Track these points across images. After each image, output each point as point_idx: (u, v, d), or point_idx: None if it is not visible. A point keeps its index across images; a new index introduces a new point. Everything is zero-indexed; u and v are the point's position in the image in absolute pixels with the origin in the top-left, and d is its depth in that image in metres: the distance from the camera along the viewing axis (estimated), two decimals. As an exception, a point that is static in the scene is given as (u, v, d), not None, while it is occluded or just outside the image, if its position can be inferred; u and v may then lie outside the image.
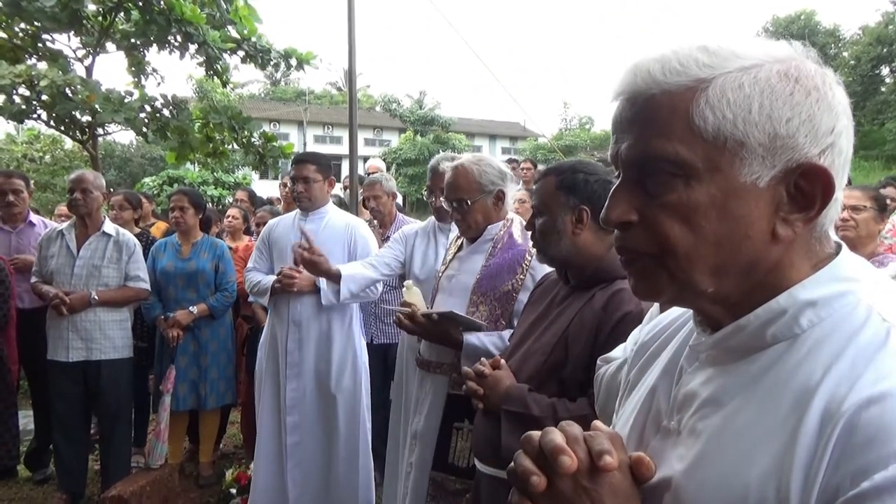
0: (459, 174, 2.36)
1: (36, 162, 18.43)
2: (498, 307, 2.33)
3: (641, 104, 0.67)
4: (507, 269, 2.34)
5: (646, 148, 0.67)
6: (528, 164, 7.68)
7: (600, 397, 1.37)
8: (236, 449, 4.59)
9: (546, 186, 1.77)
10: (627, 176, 0.70)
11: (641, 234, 0.69)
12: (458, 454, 2.28)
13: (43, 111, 5.80)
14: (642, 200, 0.68)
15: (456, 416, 2.30)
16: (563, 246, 1.75)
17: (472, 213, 2.36)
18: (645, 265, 0.70)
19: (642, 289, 0.73)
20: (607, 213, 0.71)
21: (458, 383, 2.31)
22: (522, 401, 1.65)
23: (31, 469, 4.05)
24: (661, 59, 0.67)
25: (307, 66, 7.30)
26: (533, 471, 0.65)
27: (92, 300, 3.45)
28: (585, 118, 46.04)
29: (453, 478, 2.28)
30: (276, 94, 42.83)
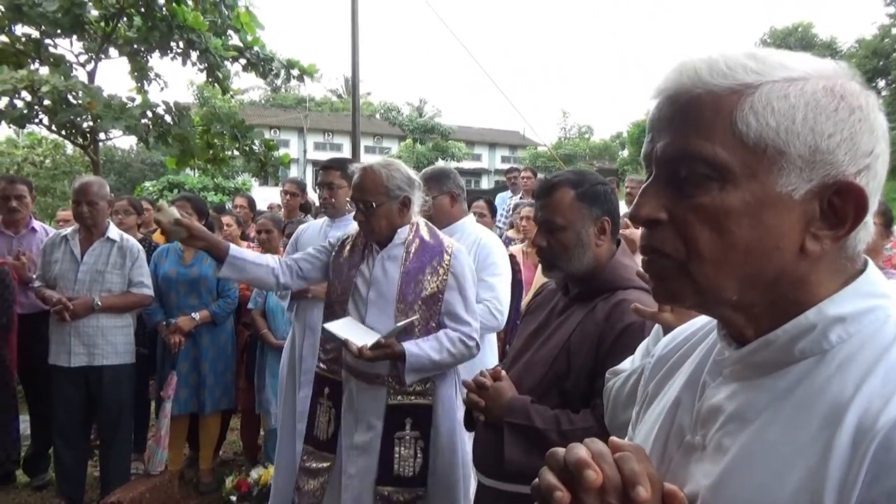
0: (367, 176, 2.37)
1: (37, 166, 18.42)
2: (426, 311, 2.34)
3: (684, 103, 0.67)
4: (429, 271, 2.35)
5: (684, 147, 0.66)
6: (529, 172, 7.68)
7: (609, 410, 1.36)
8: (236, 456, 4.57)
9: (563, 199, 1.72)
10: (660, 174, 0.69)
11: (669, 234, 0.68)
12: (403, 464, 2.29)
13: (45, 116, 5.80)
14: (673, 200, 0.68)
15: (396, 427, 2.32)
16: (586, 259, 1.72)
17: (375, 216, 2.36)
18: (668, 267, 0.69)
19: (662, 292, 0.72)
20: (636, 210, 0.70)
21: (397, 392, 2.33)
22: (525, 413, 1.65)
23: (29, 474, 4.03)
24: (708, 60, 0.67)
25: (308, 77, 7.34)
26: (557, 486, 0.64)
27: (95, 306, 3.45)
28: (584, 127, 46.24)
29: (400, 489, 2.29)
30: (276, 101, 42.93)
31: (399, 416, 2.31)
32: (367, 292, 2.38)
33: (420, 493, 2.29)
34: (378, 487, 2.28)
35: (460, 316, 2.36)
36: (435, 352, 2.28)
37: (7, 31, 5.98)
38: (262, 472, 3.66)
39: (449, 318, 2.36)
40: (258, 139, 6.93)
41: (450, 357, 2.31)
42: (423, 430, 2.31)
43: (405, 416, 2.31)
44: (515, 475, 1.64)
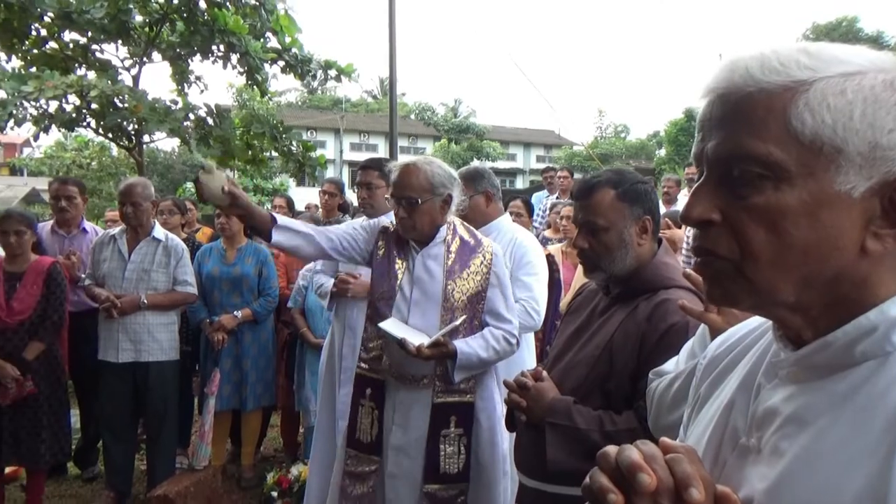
0: (410, 173, 2.34)
1: (84, 168, 19.00)
2: (470, 309, 2.35)
3: (736, 101, 0.65)
4: (473, 270, 2.36)
5: (736, 146, 0.65)
6: (566, 172, 7.63)
7: (652, 412, 1.35)
8: (276, 452, 4.65)
9: (604, 199, 1.70)
10: (712, 174, 0.68)
11: (722, 236, 0.67)
12: (448, 461, 2.31)
13: (92, 120, 5.98)
14: (726, 201, 0.66)
15: (441, 425, 2.32)
16: (629, 259, 1.71)
17: (419, 213, 2.33)
18: (722, 269, 0.68)
19: (717, 295, 0.71)
20: (688, 211, 0.69)
21: (442, 391, 2.34)
22: (567, 413, 1.64)
23: (80, 467, 4.18)
24: (760, 58, 0.65)
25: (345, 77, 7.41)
26: (610, 488, 0.63)
27: (141, 304, 3.55)
28: (621, 126, 45.67)
29: (446, 485, 2.30)
30: (313, 103, 43.44)
31: (444, 414, 2.33)
32: (411, 292, 2.37)
33: (464, 489, 2.31)
34: (425, 486, 2.30)
35: (502, 314, 2.39)
36: (482, 350, 2.30)
37: (56, 37, 6.18)
38: (301, 469, 3.71)
39: (491, 316, 2.38)
40: (296, 140, 7.03)
41: (495, 354, 2.34)
42: (467, 426, 2.33)
43: (449, 415, 2.32)
44: (558, 476, 1.63)
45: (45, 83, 5.01)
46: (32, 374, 3.33)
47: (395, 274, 2.41)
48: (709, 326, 1.25)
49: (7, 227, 3.39)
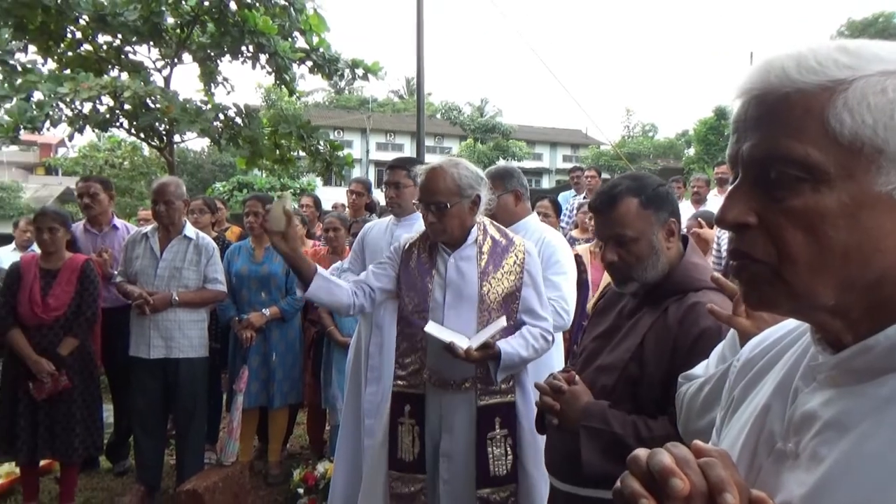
0: (437, 176, 2.32)
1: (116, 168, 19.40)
2: (505, 309, 2.34)
3: (772, 102, 0.64)
4: (506, 270, 2.35)
5: (773, 148, 0.63)
6: (593, 171, 7.58)
7: (682, 416, 1.33)
8: (303, 450, 4.69)
9: (629, 209, 1.66)
10: (747, 176, 0.67)
11: (759, 239, 0.65)
12: (496, 463, 2.30)
13: (125, 120, 6.09)
14: (762, 203, 0.65)
15: (487, 428, 2.31)
16: (660, 266, 1.68)
17: (448, 216, 2.31)
18: (759, 273, 0.67)
19: (754, 299, 0.70)
20: (723, 213, 0.67)
21: (484, 393, 2.32)
22: (603, 417, 1.62)
23: (111, 461, 4.26)
24: (796, 57, 0.64)
25: (372, 76, 7.44)
26: (642, 493, 0.62)
27: (173, 301, 3.61)
28: (649, 125, 45.16)
29: (496, 488, 2.29)
30: (339, 103, 43.74)
31: (489, 416, 2.32)
32: (444, 296, 2.36)
33: (513, 490, 2.30)
34: (478, 491, 2.28)
35: (537, 312, 2.38)
36: (523, 349, 2.30)
37: (91, 39, 6.31)
38: (327, 466, 3.73)
39: (527, 315, 2.37)
40: (323, 140, 7.08)
41: (534, 353, 2.34)
42: (511, 427, 2.32)
43: (494, 416, 2.31)
44: (593, 480, 1.62)
45: (79, 85, 5.12)
46: (66, 370, 3.41)
47: (425, 282, 2.39)
48: (737, 331, 1.23)
49: (42, 223, 3.47)
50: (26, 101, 5.16)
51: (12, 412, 3.38)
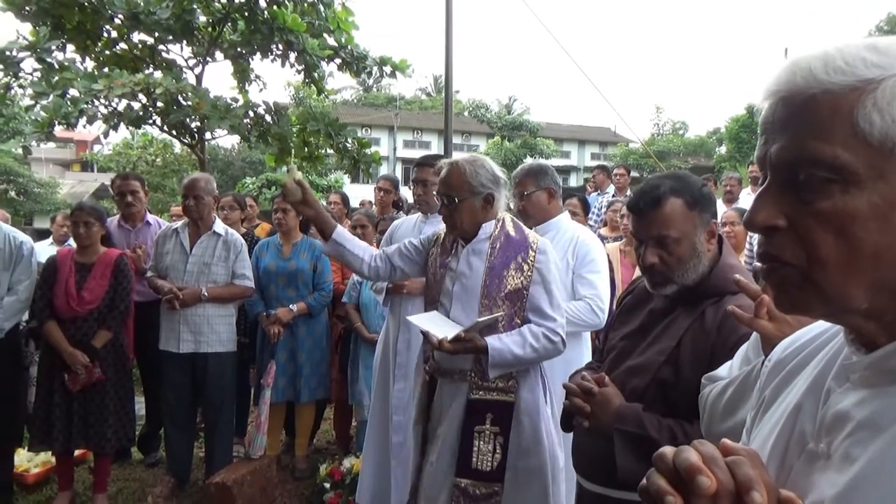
0: (452, 172, 2.40)
1: (149, 165, 19.76)
2: (510, 306, 2.33)
3: (799, 104, 0.63)
4: (514, 267, 2.34)
5: (801, 150, 0.62)
6: (623, 170, 7.50)
7: (705, 418, 1.31)
8: (329, 445, 4.72)
9: (675, 210, 1.63)
10: (776, 179, 0.66)
11: (788, 242, 0.65)
12: (481, 458, 2.28)
13: (157, 117, 6.19)
14: (792, 206, 0.64)
15: (476, 421, 2.31)
16: (700, 268, 1.65)
17: (458, 211, 2.37)
18: (789, 276, 0.66)
19: (785, 302, 0.69)
20: (752, 216, 0.67)
21: (479, 388, 2.33)
22: (638, 421, 1.58)
23: (143, 452, 4.34)
24: (823, 57, 0.63)
25: (398, 75, 7.45)
26: (668, 491, 0.62)
27: (202, 296, 3.65)
28: (679, 123, 44.50)
29: (477, 482, 2.28)
30: (367, 100, 43.95)
31: (479, 410, 2.32)
32: (453, 286, 2.42)
33: (496, 489, 2.28)
34: (456, 479, 2.30)
35: (545, 311, 2.34)
36: (517, 346, 2.27)
37: (126, 38, 6.43)
38: (353, 462, 3.75)
39: (534, 313, 2.35)
40: (351, 137, 7.11)
41: (532, 352, 2.29)
42: (504, 426, 2.30)
43: (486, 412, 2.31)
44: (631, 484, 1.59)
45: (113, 81, 5.20)
46: (100, 362, 3.47)
47: (442, 272, 2.47)
48: (760, 334, 1.21)
49: (77, 218, 3.54)
50: (62, 97, 5.27)
51: (48, 403, 3.46)
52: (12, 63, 5.54)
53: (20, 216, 20.94)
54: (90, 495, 3.67)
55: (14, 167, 22.45)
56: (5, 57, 5.50)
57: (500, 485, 2.28)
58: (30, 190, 23.19)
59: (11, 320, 3.49)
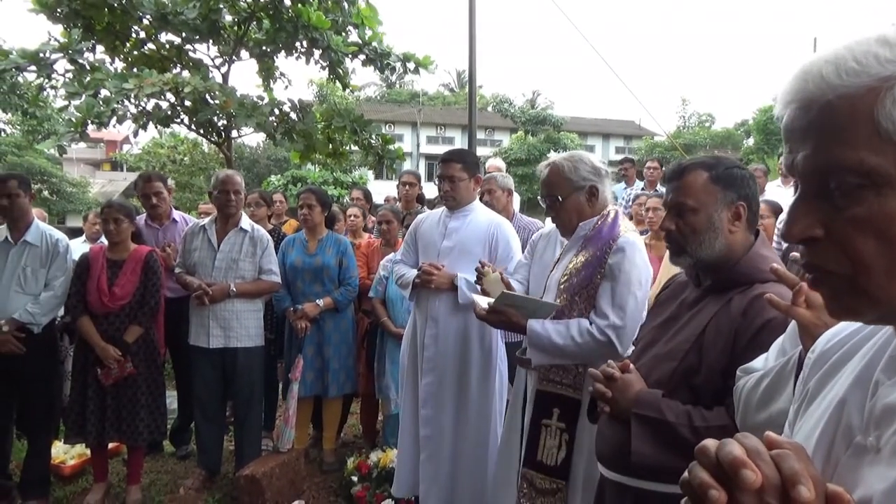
0: (552, 171, 2.39)
1: (177, 164, 20.04)
2: (581, 302, 2.32)
3: (816, 112, 0.61)
4: (591, 265, 2.31)
5: (826, 158, 0.61)
6: (656, 163, 7.35)
7: (740, 410, 1.30)
8: (356, 438, 4.76)
9: (697, 181, 1.65)
10: (808, 188, 0.65)
11: (829, 250, 0.63)
12: (547, 451, 2.27)
13: (185, 116, 6.28)
14: (827, 214, 0.63)
15: (543, 413, 2.31)
16: (717, 245, 1.64)
17: (564, 209, 2.37)
18: (838, 285, 0.64)
19: (836, 310, 0.67)
20: (788, 228, 0.65)
21: (546, 379, 2.33)
22: (655, 406, 1.58)
23: (174, 445, 4.42)
24: (834, 60, 0.61)
25: (423, 70, 7.46)
26: (711, 484, 0.60)
27: (231, 292, 3.71)
28: (705, 115, 43.86)
29: (542, 476, 2.27)
30: (390, 97, 44.02)
31: (546, 402, 2.32)
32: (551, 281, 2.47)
33: (561, 486, 2.26)
34: (524, 469, 2.31)
35: (601, 308, 2.28)
36: (558, 335, 2.26)
37: (154, 38, 6.53)
38: (380, 455, 3.78)
39: (593, 309, 2.31)
40: (375, 133, 7.14)
41: (574, 345, 2.26)
42: (570, 422, 2.27)
43: (552, 405, 2.30)
44: (642, 469, 1.59)
45: (144, 81, 5.29)
46: (131, 357, 3.54)
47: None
48: (798, 322, 1.18)
49: (108, 215, 3.61)
50: (94, 97, 5.37)
51: (83, 397, 3.54)
52: (45, 65, 5.66)
53: (53, 215, 21.41)
54: (124, 486, 3.75)
55: (48, 167, 22.97)
56: (38, 59, 5.62)
57: (564, 482, 2.26)
58: (62, 189, 23.71)
59: (48, 315, 3.57)
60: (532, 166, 29.79)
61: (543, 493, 2.26)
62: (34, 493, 3.58)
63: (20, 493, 3.60)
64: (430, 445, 3.15)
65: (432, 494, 3.13)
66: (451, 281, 3.11)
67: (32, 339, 3.49)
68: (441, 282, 3.11)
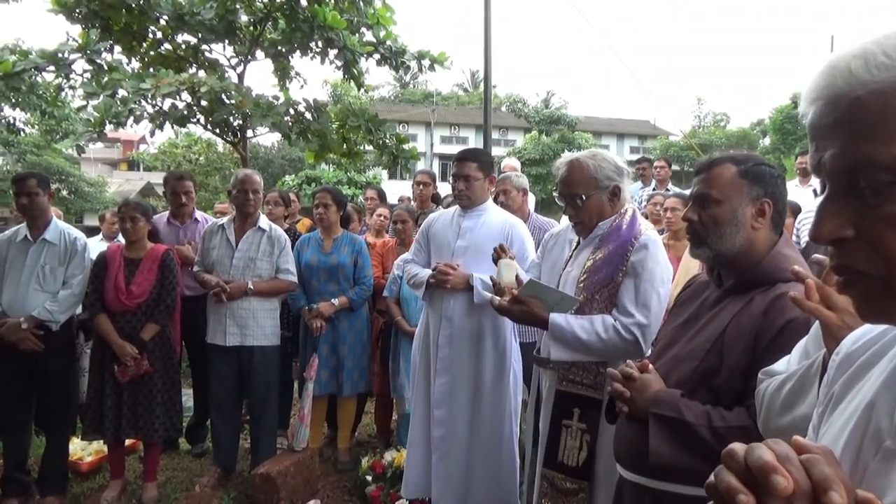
0: (574, 169, 2.34)
1: (192, 163, 20.20)
2: (601, 300, 2.29)
3: (845, 108, 0.60)
4: (612, 262, 2.29)
5: (856, 155, 0.59)
6: (663, 162, 7.33)
7: (762, 414, 1.28)
8: (370, 438, 4.76)
9: (723, 174, 1.64)
10: (836, 187, 0.63)
11: (861, 251, 0.62)
12: (568, 452, 2.25)
13: (202, 116, 6.32)
14: (858, 213, 0.61)
15: (563, 413, 2.28)
16: (738, 240, 1.62)
17: (586, 208, 2.33)
18: (870, 286, 0.63)
19: (869, 312, 0.66)
20: (817, 229, 0.64)
21: (566, 379, 2.30)
22: (674, 405, 1.57)
23: (190, 442, 4.44)
24: (862, 55, 0.59)
25: (436, 68, 7.45)
26: (739, 489, 0.59)
27: (248, 290, 3.72)
28: (720, 115, 43.48)
29: (563, 476, 2.25)
30: (404, 97, 44.08)
31: (567, 403, 2.29)
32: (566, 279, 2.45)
33: (583, 486, 2.23)
34: (544, 469, 2.29)
35: (625, 306, 2.26)
36: (582, 330, 2.23)
37: (170, 39, 6.58)
38: (395, 455, 3.78)
39: (616, 307, 2.29)
40: (390, 133, 7.15)
41: (598, 342, 2.23)
42: (591, 423, 2.24)
43: (573, 406, 2.27)
44: (660, 470, 1.58)
45: (160, 81, 5.33)
46: (148, 354, 3.57)
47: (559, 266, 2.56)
48: (822, 324, 1.15)
49: (125, 213, 3.64)
50: (112, 97, 5.42)
51: (100, 394, 3.57)
52: (64, 65, 5.73)
53: (71, 214, 21.67)
54: (140, 483, 3.78)
55: (66, 167, 23.23)
56: (57, 59, 5.68)
57: (586, 483, 2.23)
58: (80, 189, 23.97)
59: (66, 313, 3.60)
60: (546, 166, 29.70)
61: (565, 494, 2.24)
62: (52, 489, 3.62)
63: (38, 488, 3.64)
64: (443, 446, 3.14)
65: (446, 494, 3.12)
66: (467, 281, 3.10)
67: (51, 337, 3.52)
68: (457, 282, 3.09)
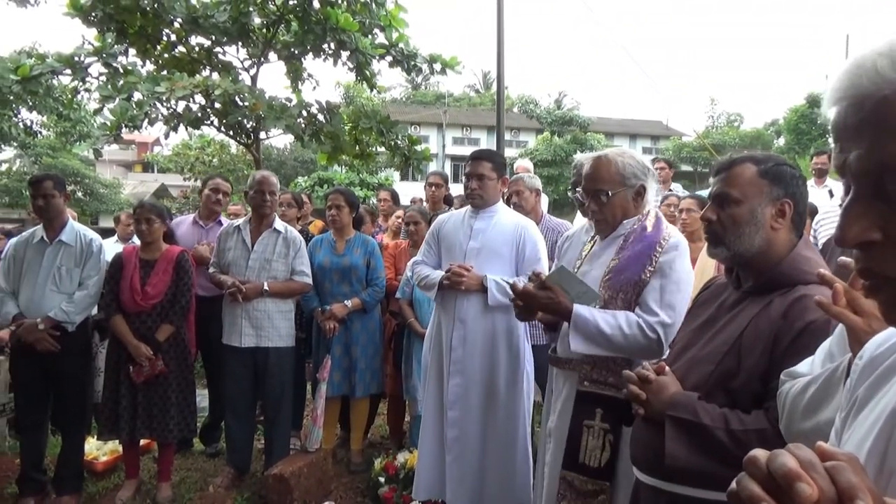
0: (602, 165, 2.31)
1: (206, 165, 20.32)
2: (625, 299, 2.27)
3: (871, 108, 0.58)
4: (639, 262, 2.25)
5: (883, 157, 0.58)
6: (662, 163, 7.27)
7: (784, 416, 1.25)
8: (383, 439, 4.76)
9: (744, 173, 1.63)
10: (862, 189, 0.61)
11: (889, 254, 0.60)
12: (590, 453, 2.21)
13: (215, 118, 6.35)
14: (884, 216, 0.60)
15: (585, 414, 2.25)
16: (757, 240, 1.61)
17: (610, 206, 2.30)
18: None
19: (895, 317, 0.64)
20: (842, 233, 0.62)
21: (588, 379, 2.27)
22: (691, 408, 1.55)
23: (204, 443, 4.47)
24: (889, 52, 0.58)
25: (449, 70, 7.45)
26: (762, 496, 0.58)
27: (263, 291, 3.74)
28: (734, 115, 43.15)
29: (584, 478, 2.22)
30: (416, 98, 44.12)
31: (589, 403, 2.26)
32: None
33: (604, 488, 2.20)
34: (563, 471, 2.26)
35: (649, 305, 2.24)
36: (607, 324, 2.21)
37: (184, 41, 6.62)
38: (407, 456, 3.78)
39: (639, 305, 2.27)
40: (402, 134, 7.15)
41: (622, 337, 2.21)
42: (614, 423, 2.21)
43: (595, 406, 2.24)
44: (676, 472, 1.56)
45: (175, 84, 5.37)
46: (163, 355, 3.59)
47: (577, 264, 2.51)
48: (848, 328, 1.14)
49: (140, 215, 3.67)
50: (127, 100, 5.47)
51: (116, 394, 3.60)
52: (80, 68, 5.78)
53: (86, 215, 21.85)
54: (155, 483, 3.80)
55: (81, 169, 23.45)
56: (73, 62, 5.74)
57: (608, 483, 2.20)
58: (95, 191, 24.17)
59: (82, 314, 3.64)
60: (558, 167, 29.62)
61: (585, 495, 2.21)
62: (68, 488, 3.65)
63: (54, 487, 3.68)
64: (457, 447, 3.13)
65: (460, 496, 3.11)
66: (481, 282, 3.09)
67: (67, 338, 3.55)
68: (471, 283, 3.09)
